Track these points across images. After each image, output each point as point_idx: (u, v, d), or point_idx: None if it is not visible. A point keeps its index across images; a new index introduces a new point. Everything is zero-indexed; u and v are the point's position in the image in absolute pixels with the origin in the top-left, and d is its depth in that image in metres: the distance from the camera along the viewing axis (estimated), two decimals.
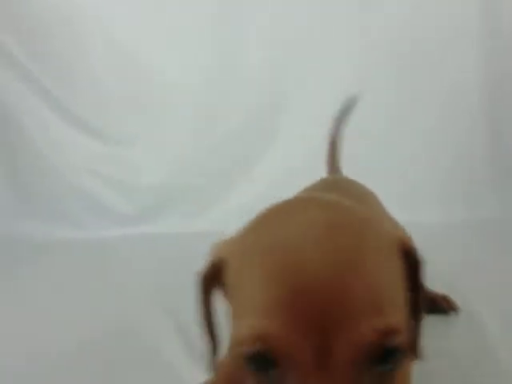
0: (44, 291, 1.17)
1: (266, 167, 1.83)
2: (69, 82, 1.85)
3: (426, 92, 1.85)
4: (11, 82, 1.81)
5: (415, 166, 1.82)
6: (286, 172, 1.78)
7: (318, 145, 1.23)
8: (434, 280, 0.87)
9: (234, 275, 0.43)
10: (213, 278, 0.48)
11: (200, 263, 1.23)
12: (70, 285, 1.22)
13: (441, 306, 0.96)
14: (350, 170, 1.11)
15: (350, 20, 1.81)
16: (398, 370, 0.38)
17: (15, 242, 1.68)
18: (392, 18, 1.79)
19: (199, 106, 1.88)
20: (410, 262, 0.44)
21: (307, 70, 1.86)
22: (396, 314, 0.37)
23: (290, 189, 0.77)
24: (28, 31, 1.79)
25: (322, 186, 0.85)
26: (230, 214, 1.70)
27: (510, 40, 1.80)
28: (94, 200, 1.85)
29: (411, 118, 1.86)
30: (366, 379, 0.35)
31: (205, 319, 0.52)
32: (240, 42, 1.84)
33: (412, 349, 0.49)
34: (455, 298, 0.97)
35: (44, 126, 1.85)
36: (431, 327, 0.86)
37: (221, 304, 0.48)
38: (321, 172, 1.11)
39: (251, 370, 0.38)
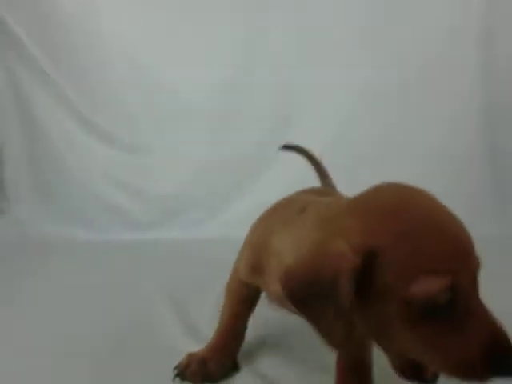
0: (61, 288, 1.24)
1: (274, 178, 1.88)
2: (91, 95, 1.92)
3: (425, 116, 1.92)
4: (38, 94, 1.88)
5: None
6: (292, 183, 1.82)
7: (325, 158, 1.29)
8: None
9: (396, 255, 0.49)
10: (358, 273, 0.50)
11: (208, 267, 1.29)
12: (84, 283, 1.29)
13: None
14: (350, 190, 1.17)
15: (359, 45, 1.89)
16: None
17: (36, 242, 1.76)
18: (397, 44, 1.88)
19: (213, 118, 1.95)
20: None
21: (316, 87, 1.93)
22: None
23: None
24: (56, 47, 1.87)
25: (311, 190, 0.94)
26: (238, 222, 1.74)
27: (505, 68, 1.89)
28: (110, 205, 1.92)
29: (411, 142, 1.93)
30: None
31: (344, 313, 0.50)
32: (253, 58, 1.92)
33: None
34: None
35: (67, 135, 1.92)
36: None
37: None
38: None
39: (425, 318, 0.49)
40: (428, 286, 0.48)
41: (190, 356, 0.74)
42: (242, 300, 0.81)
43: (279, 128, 1.92)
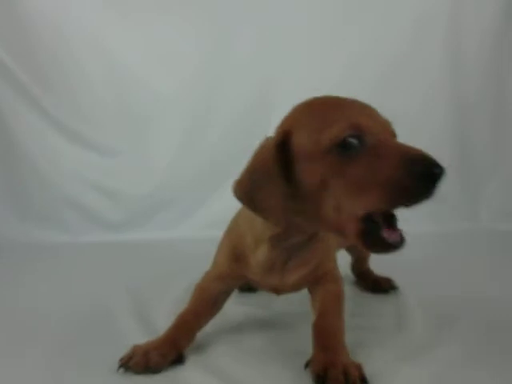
0: (38, 285, 1.27)
1: None
2: (63, 97, 1.91)
3: (394, 113, 1.95)
4: (8, 97, 1.86)
5: None
6: None
7: None
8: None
9: (305, 126, 0.66)
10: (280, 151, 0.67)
11: (178, 266, 1.29)
12: (59, 281, 1.30)
13: (383, 286, 1.12)
14: None
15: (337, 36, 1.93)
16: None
17: (8, 244, 1.75)
18: (364, 42, 1.93)
19: (186, 121, 1.95)
20: None
21: (289, 89, 1.92)
22: None
23: None
24: (24, 48, 1.84)
25: None
26: (211, 222, 1.76)
27: (472, 66, 1.95)
28: (84, 207, 1.91)
29: None
30: None
31: (280, 192, 0.65)
32: (227, 60, 1.92)
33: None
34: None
35: (39, 138, 1.90)
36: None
37: None
38: None
39: (337, 154, 0.61)
40: (333, 131, 0.62)
41: (135, 348, 0.76)
42: (208, 300, 0.86)
43: (253, 128, 1.91)
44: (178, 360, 0.76)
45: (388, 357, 0.78)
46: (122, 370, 0.73)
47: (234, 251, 0.83)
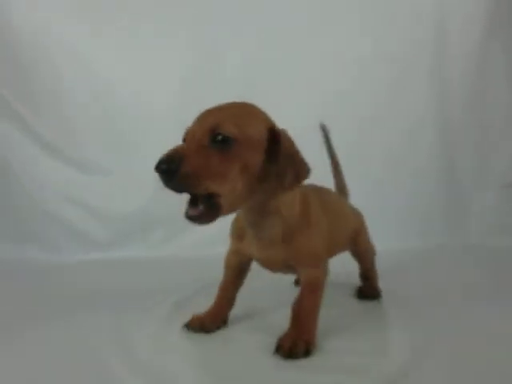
0: (24, 305, 1.25)
1: None
2: (49, 115, 1.91)
3: (383, 130, 1.98)
4: None
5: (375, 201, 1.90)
6: None
7: None
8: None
9: None
10: None
11: (162, 286, 1.30)
12: (45, 300, 1.28)
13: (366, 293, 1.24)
14: None
15: (320, 61, 1.96)
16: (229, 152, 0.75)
17: None
18: (355, 60, 1.96)
19: (174, 136, 1.91)
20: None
21: (280, 100, 1.95)
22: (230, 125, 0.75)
23: None
24: (7, 64, 1.87)
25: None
26: (201, 241, 1.78)
27: (457, 83, 1.99)
28: (70, 226, 1.90)
29: (368, 153, 1.98)
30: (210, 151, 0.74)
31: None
32: (216, 73, 1.94)
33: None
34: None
35: (24, 155, 1.90)
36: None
37: None
38: None
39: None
40: None
41: (194, 316, 1.01)
42: (233, 269, 1.03)
43: None
44: (224, 322, 1.01)
45: None
46: (185, 328, 0.99)
47: (237, 231, 0.97)
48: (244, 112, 0.79)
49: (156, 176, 2.01)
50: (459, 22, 1.95)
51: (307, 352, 0.84)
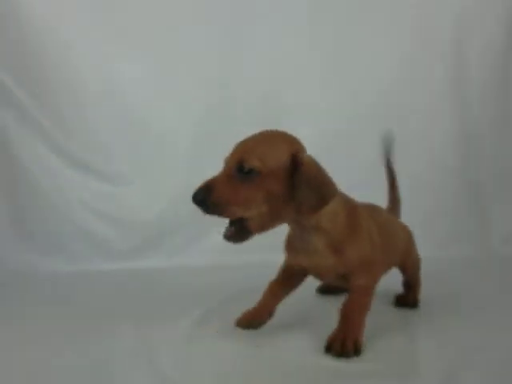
0: (43, 314, 1.24)
1: None
2: (67, 123, 1.92)
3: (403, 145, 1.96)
4: (16, 127, 1.87)
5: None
6: None
7: None
8: None
9: None
10: None
11: (185, 296, 1.29)
12: (57, 313, 1.26)
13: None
14: None
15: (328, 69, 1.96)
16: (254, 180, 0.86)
17: (11, 271, 1.74)
18: (368, 69, 1.95)
19: (191, 146, 1.96)
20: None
21: (293, 120, 1.93)
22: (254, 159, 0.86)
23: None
24: (29, 74, 1.87)
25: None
26: (216, 250, 1.74)
27: (478, 86, 1.96)
28: (90, 235, 1.90)
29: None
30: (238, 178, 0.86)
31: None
32: (233, 85, 1.94)
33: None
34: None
35: (43, 164, 1.90)
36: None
37: None
38: None
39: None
40: None
41: (243, 313, 1.08)
42: (285, 271, 1.07)
43: None
44: (270, 316, 1.06)
45: None
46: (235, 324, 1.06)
47: (288, 243, 1.03)
48: (268, 143, 0.89)
49: (173, 186, 1.98)
50: (478, 20, 1.94)
51: (356, 351, 0.90)
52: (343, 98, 1.96)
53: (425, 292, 1.30)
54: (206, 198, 0.87)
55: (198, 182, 1.91)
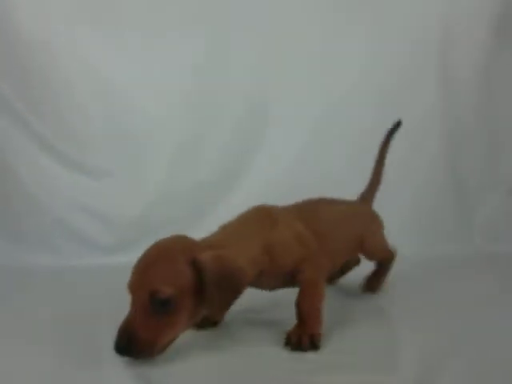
0: (28, 310, 1.25)
1: (237, 203, 1.75)
2: (54, 120, 1.91)
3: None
4: (0, 121, 1.86)
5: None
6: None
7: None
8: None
9: None
10: None
11: None
12: (49, 305, 1.28)
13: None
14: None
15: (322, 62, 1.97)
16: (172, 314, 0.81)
17: (1, 268, 1.73)
18: (359, 60, 1.98)
19: (177, 139, 1.96)
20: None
21: (282, 109, 1.97)
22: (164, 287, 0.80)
23: None
24: (15, 70, 1.86)
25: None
26: None
27: (464, 85, 1.98)
28: (75, 230, 1.89)
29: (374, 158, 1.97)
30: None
31: None
32: (220, 75, 1.94)
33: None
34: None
35: (29, 160, 1.89)
36: None
37: None
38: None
39: None
40: None
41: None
42: None
43: (247, 147, 1.97)
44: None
45: None
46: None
47: None
48: (169, 261, 0.83)
49: (158, 181, 1.97)
50: (466, 21, 1.96)
51: (314, 345, 0.91)
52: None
53: (408, 288, 1.32)
54: (132, 347, 0.78)
55: (183, 174, 1.94)
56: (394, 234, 1.86)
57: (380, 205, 1.89)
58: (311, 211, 1.11)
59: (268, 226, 0.98)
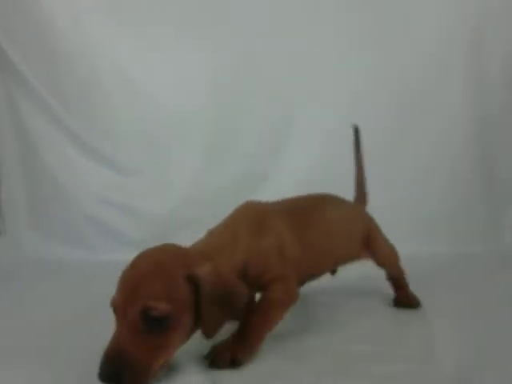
0: (57, 302, 1.29)
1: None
2: (86, 117, 1.97)
3: (416, 129, 1.96)
4: (34, 118, 1.93)
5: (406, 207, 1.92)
6: None
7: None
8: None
9: None
10: None
11: None
12: (79, 299, 1.31)
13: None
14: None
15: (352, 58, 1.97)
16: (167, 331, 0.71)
17: (31, 262, 1.79)
18: (391, 57, 1.97)
19: (206, 139, 2.00)
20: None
21: (309, 105, 1.98)
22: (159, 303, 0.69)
23: None
24: (50, 69, 1.93)
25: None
26: None
27: (494, 85, 1.95)
28: (105, 225, 1.94)
29: (401, 155, 1.97)
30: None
31: None
32: (249, 79, 1.97)
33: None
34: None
35: (62, 157, 1.96)
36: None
37: None
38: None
39: None
40: None
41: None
42: None
43: (274, 147, 1.99)
44: None
45: None
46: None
47: None
48: (163, 274, 0.73)
49: (186, 182, 1.98)
50: (497, 21, 1.93)
51: (233, 363, 0.79)
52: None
53: (434, 287, 1.31)
54: (124, 373, 0.66)
55: (212, 172, 1.97)
56: (424, 233, 1.89)
57: (409, 205, 1.91)
58: (302, 215, 1.04)
59: (255, 233, 0.91)
